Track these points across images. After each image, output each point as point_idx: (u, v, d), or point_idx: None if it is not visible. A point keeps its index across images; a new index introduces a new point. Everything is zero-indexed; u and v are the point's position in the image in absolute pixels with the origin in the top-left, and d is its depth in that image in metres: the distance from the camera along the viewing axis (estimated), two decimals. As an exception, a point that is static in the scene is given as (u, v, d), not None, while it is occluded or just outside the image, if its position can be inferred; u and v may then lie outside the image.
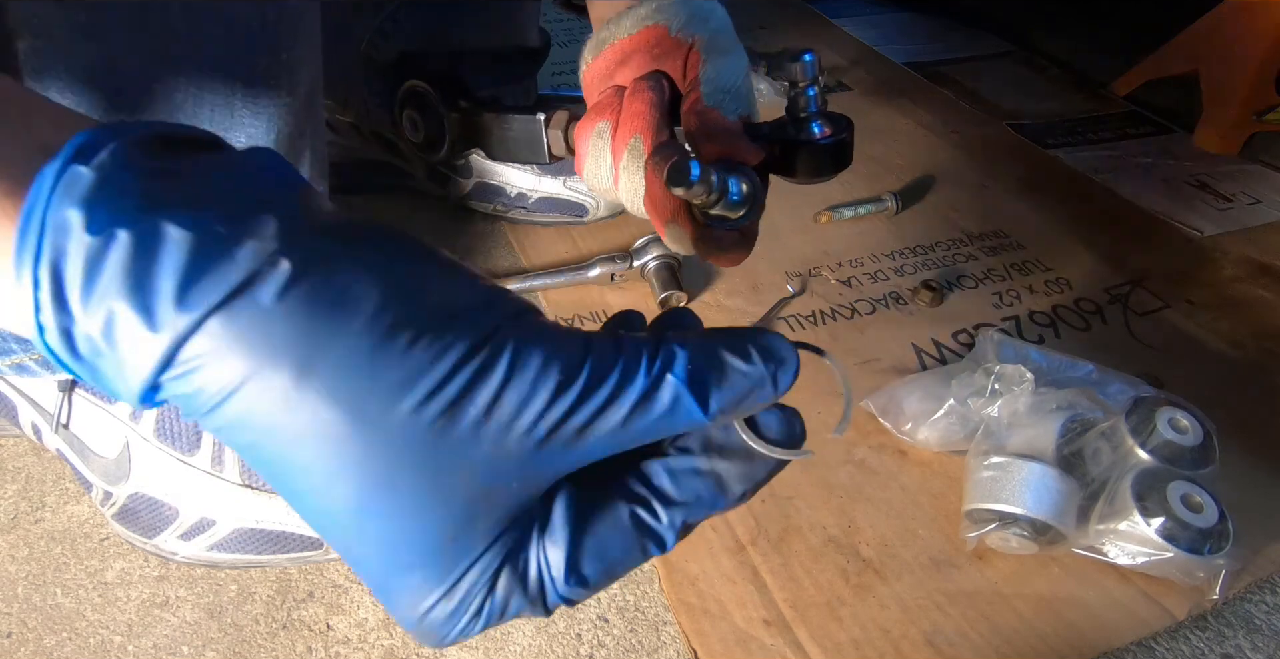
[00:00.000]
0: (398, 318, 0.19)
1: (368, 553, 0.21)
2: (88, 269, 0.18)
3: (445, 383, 0.19)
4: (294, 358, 0.18)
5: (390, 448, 0.19)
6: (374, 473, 0.19)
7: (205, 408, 0.19)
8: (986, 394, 0.49)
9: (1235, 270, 0.71)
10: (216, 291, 0.18)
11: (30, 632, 0.44)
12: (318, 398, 0.19)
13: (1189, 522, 0.43)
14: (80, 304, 0.18)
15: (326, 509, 0.20)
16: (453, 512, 0.20)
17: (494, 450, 0.20)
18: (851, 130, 0.41)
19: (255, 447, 0.20)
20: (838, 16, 1.19)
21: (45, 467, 0.52)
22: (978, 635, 0.43)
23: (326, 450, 0.19)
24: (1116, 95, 1.01)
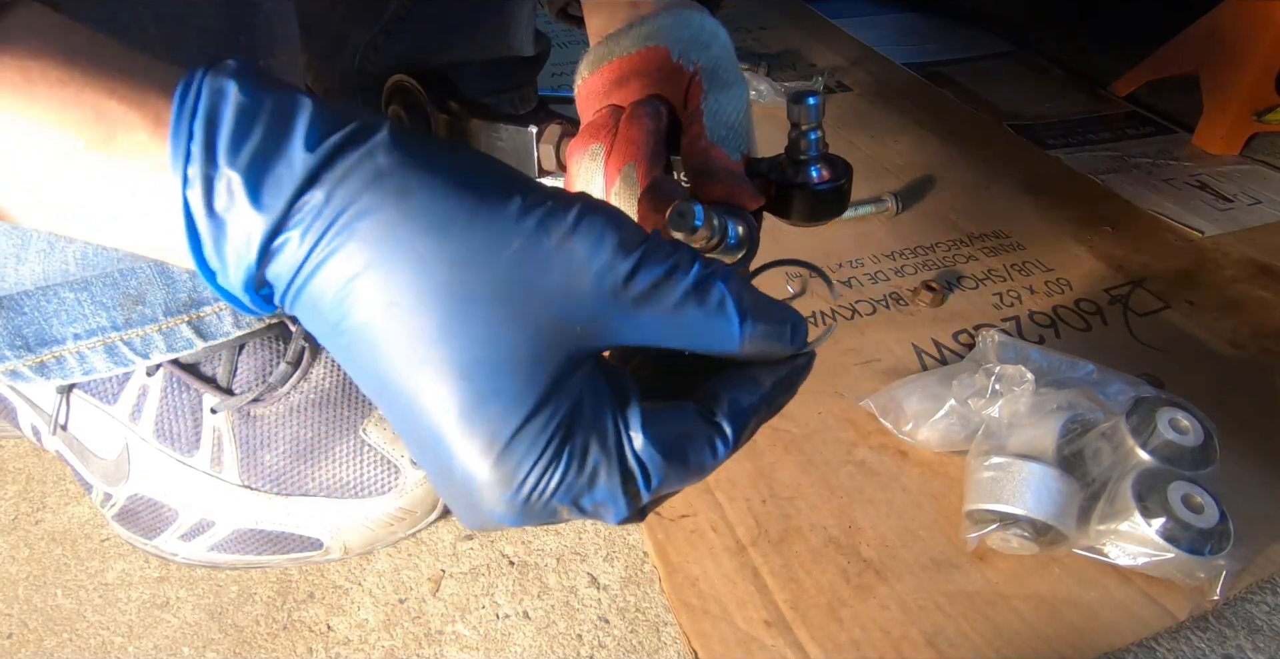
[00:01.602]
0: (477, 176, 0.22)
1: (446, 389, 0.22)
2: (239, 121, 0.21)
3: (523, 218, 0.22)
4: (395, 192, 0.21)
5: (475, 272, 0.21)
6: (459, 295, 0.21)
7: (313, 249, 0.21)
8: (987, 395, 0.49)
9: (1236, 271, 0.71)
10: (339, 137, 0.21)
11: (31, 633, 0.44)
12: (413, 226, 0.21)
13: (1190, 522, 0.43)
14: (228, 153, 0.21)
15: (411, 340, 0.21)
16: (528, 337, 0.22)
17: (564, 285, 0.22)
18: (850, 176, 0.40)
19: (355, 279, 0.21)
20: (838, 16, 1.19)
21: (46, 468, 0.52)
22: (978, 636, 0.43)
23: (418, 274, 0.21)
24: (1117, 95, 1.01)
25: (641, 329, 0.23)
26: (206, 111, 0.21)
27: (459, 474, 0.22)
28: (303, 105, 0.22)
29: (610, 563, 0.48)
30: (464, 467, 0.22)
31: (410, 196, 0.21)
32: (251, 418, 0.45)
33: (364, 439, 0.45)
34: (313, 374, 0.46)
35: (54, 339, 0.42)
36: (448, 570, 0.47)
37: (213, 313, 0.43)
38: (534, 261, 0.22)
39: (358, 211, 0.21)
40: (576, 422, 0.23)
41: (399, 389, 0.22)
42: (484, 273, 0.22)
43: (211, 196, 0.21)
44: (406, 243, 0.21)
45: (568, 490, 0.23)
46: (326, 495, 0.45)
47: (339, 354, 0.23)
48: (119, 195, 0.22)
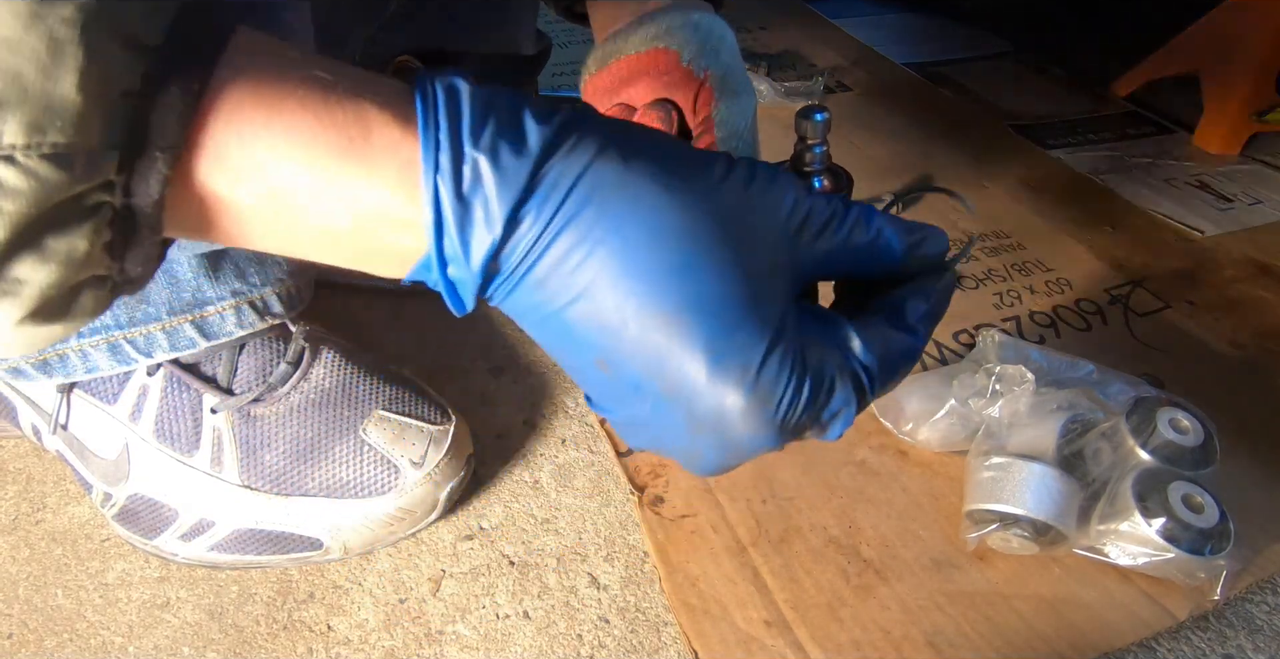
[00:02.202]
0: (673, 146, 0.26)
1: (694, 325, 0.24)
2: (476, 109, 0.23)
3: (726, 173, 0.25)
4: (619, 158, 0.24)
5: (703, 218, 0.24)
6: (692, 237, 0.24)
7: (554, 213, 0.23)
8: (987, 395, 0.49)
9: (1236, 271, 0.71)
10: (563, 116, 0.24)
11: (31, 633, 0.44)
12: (641, 184, 0.24)
13: (1190, 522, 0.43)
14: (471, 138, 0.23)
15: (653, 281, 0.23)
16: (757, 273, 0.25)
17: (770, 227, 0.25)
18: (851, 186, 0.43)
19: (594, 235, 0.23)
20: (838, 16, 1.19)
21: (46, 468, 0.52)
22: (978, 636, 0.43)
23: (654, 222, 0.24)
24: (1117, 95, 1.01)
25: (827, 261, 0.27)
26: (446, 105, 0.23)
27: (711, 409, 0.24)
28: (521, 95, 0.24)
29: (610, 563, 0.48)
30: (718, 399, 0.24)
31: (632, 161, 0.24)
32: (251, 418, 0.45)
33: (364, 439, 0.45)
34: (313, 374, 0.46)
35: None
36: (448, 570, 0.47)
37: (215, 313, 0.43)
38: (746, 208, 0.25)
39: (591, 177, 0.23)
40: (807, 344, 0.25)
41: (641, 337, 0.24)
42: (711, 218, 0.24)
43: (460, 180, 0.23)
44: (638, 198, 0.24)
45: (812, 404, 0.25)
46: (326, 495, 0.45)
47: (558, 331, 0.25)
48: (369, 198, 0.23)
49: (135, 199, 0.21)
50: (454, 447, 0.47)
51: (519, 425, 0.56)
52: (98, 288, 0.22)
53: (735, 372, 0.24)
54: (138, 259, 0.22)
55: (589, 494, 0.51)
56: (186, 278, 0.42)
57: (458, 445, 0.47)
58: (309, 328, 0.48)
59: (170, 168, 0.21)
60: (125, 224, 0.21)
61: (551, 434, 0.55)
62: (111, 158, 0.20)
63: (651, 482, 0.51)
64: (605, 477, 0.53)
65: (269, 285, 0.45)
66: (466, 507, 0.50)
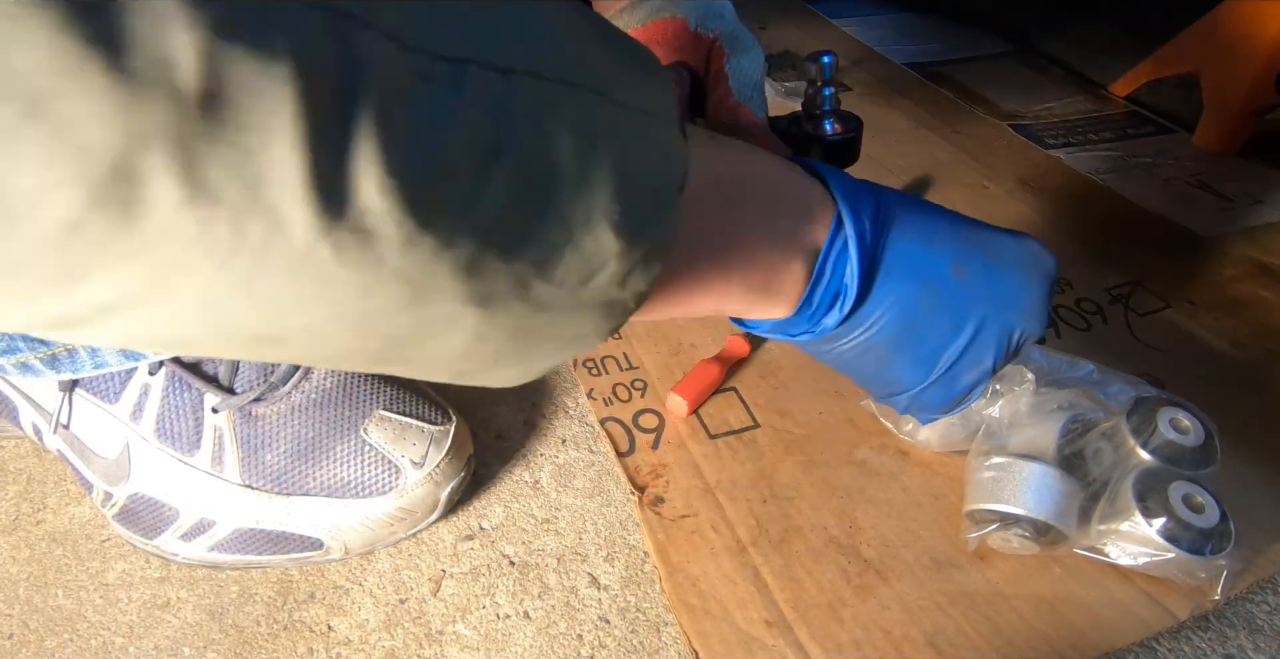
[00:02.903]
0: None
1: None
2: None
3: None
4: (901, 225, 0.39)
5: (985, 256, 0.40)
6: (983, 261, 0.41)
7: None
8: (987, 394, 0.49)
9: (1237, 270, 0.71)
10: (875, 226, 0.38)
11: (31, 633, 0.44)
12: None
13: (1190, 522, 0.43)
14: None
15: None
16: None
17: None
18: (860, 128, 0.45)
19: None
20: (838, 16, 1.19)
21: (46, 468, 0.52)
22: (979, 636, 0.43)
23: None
24: (1117, 95, 1.01)
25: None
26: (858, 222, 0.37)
27: (1036, 258, 0.43)
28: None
29: (611, 563, 0.48)
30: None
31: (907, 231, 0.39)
32: (253, 417, 0.45)
33: (365, 439, 0.45)
34: (314, 374, 0.46)
35: None
36: (448, 571, 0.47)
37: None
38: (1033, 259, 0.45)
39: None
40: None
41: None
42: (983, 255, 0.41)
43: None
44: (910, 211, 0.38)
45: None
46: (327, 495, 0.45)
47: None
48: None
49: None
50: (455, 447, 0.47)
51: (519, 425, 0.56)
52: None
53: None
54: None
55: (589, 494, 0.51)
56: None
57: (458, 446, 0.47)
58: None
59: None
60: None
61: (551, 434, 0.55)
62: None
63: (652, 482, 0.51)
64: (605, 477, 0.53)
65: None
66: (467, 507, 0.50)
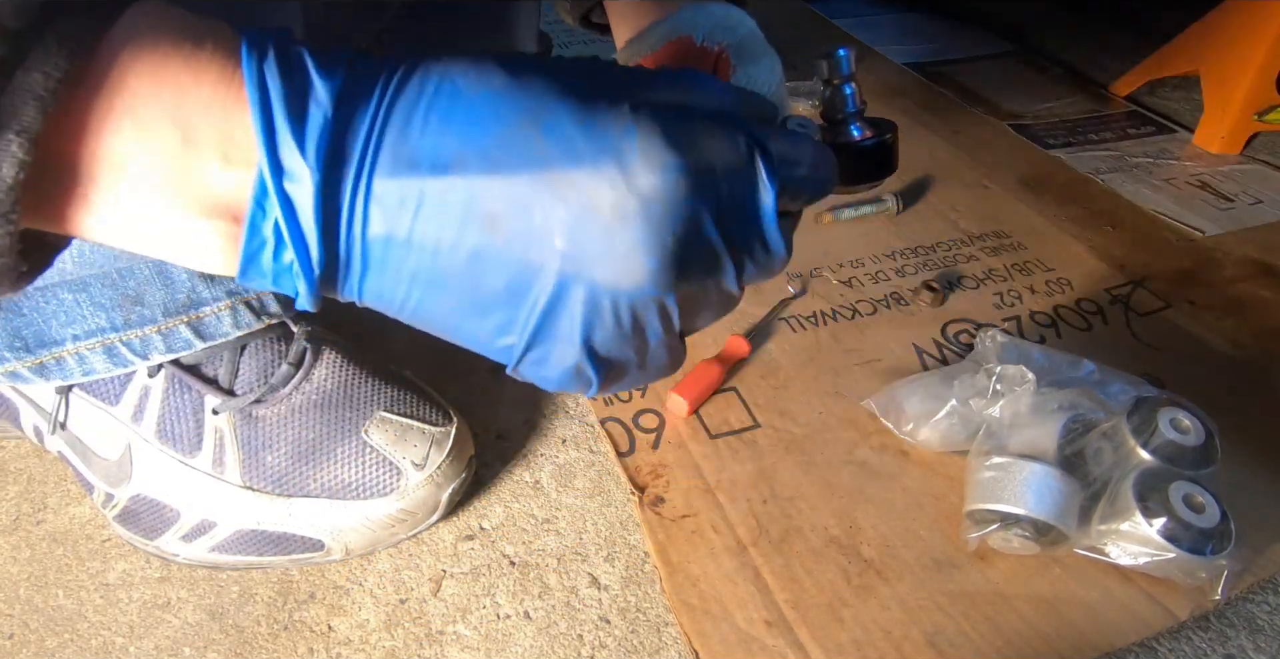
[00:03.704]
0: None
1: (554, 107, 0.23)
2: (294, 43, 0.22)
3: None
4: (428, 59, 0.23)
5: (522, 67, 0.23)
6: (517, 66, 0.23)
7: (386, 73, 0.23)
8: (988, 395, 0.49)
9: (1237, 270, 0.71)
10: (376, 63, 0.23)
11: (32, 633, 0.44)
12: (455, 59, 0.23)
13: (1191, 522, 0.43)
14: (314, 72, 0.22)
15: (499, 94, 0.22)
16: (593, 86, 0.24)
17: (596, 68, 0.25)
18: (895, 132, 0.37)
19: (423, 85, 0.22)
20: (838, 17, 1.19)
21: (47, 468, 0.53)
22: (979, 636, 0.43)
23: (475, 65, 0.23)
24: (1117, 95, 1.01)
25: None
26: (275, 39, 0.22)
27: (612, 173, 0.22)
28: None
29: (611, 563, 0.48)
30: (612, 155, 0.22)
31: (443, 57, 0.23)
32: (253, 419, 0.45)
33: (366, 440, 0.45)
34: (314, 375, 0.46)
35: (53, 340, 0.42)
36: (448, 571, 0.47)
37: (212, 313, 0.43)
38: (560, 65, 0.25)
39: (405, 64, 0.23)
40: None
41: (511, 146, 0.22)
42: (527, 60, 0.24)
43: (286, 63, 0.22)
44: (454, 60, 0.23)
45: (703, 145, 0.24)
46: (328, 496, 0.45)
47: (436, 209, 0.22)
48: (193, 115, 0.22)
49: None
50: (455, 448, 0.47)
51: (519, 426, 0.56)
52: None
53: (610, 122, 0.23)
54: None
55: (589, 494, 0.51)
56: (181, 279, 0.42)
57: (459, 447, 0.47)
58: (310, 328, 0.48)
59: (27, 152, 0.20)
60: None
61: (552, 434, 0.55)
62: None
63: (652, 482, 0.51)
64: (606, 477, 0.53)
65: None
66: (467, 507, 0.50)
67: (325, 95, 0.22)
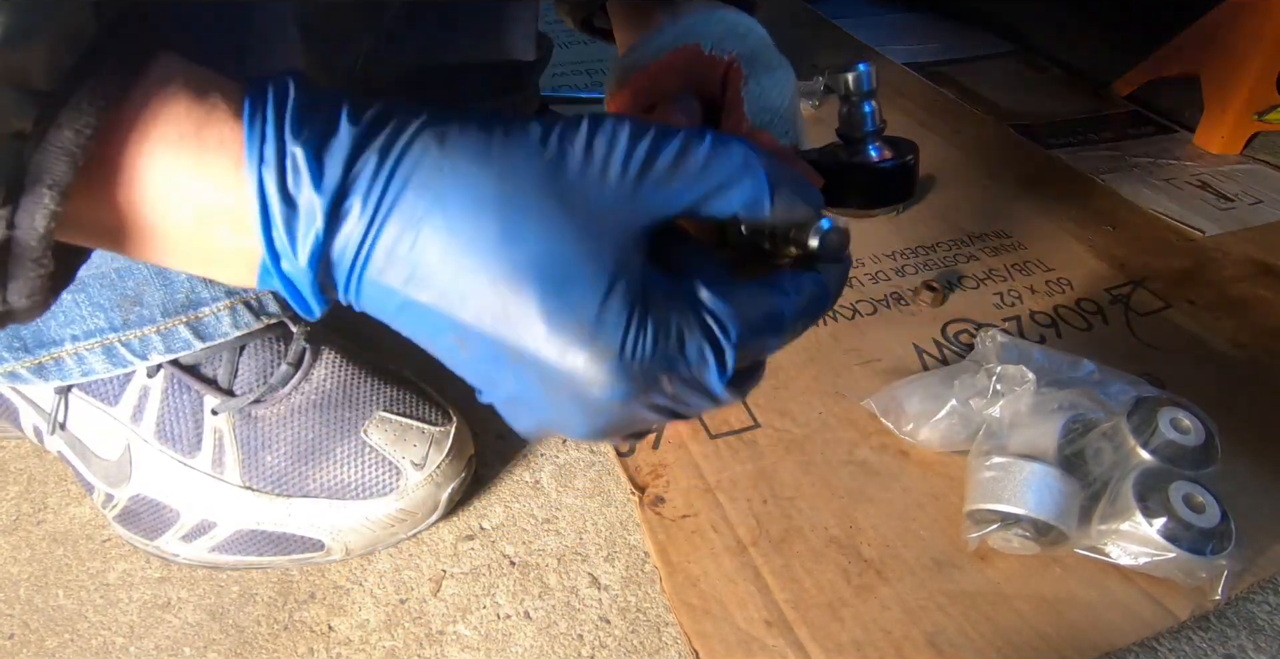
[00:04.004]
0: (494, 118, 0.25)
1: (526, 291, 0.24)
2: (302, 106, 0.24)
3: (545, 135, 0.25)
4: (434, 140, 0.24)
5: (519, 184, 0.24)
6: (511, 205, 0.24)
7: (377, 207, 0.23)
8: (988, 395, 0.49)
9: (1237, 270, 0.71)
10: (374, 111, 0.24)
11: (32, 633, 0.44)
12: (458, 162, 0.24)
13: (1191, 522, 0.43)
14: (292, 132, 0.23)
15: (480, 258, 0.24)
16: (581, 227, 0.24)
17: (598, 178, 0.25)
18: (917, 154, 0.35)
19: (420, 220, 0.23)
20: (838, 17, 1.19)
21: (47, 468, 0.53)
22: (979, 636, 0.43)
23: (471, 198, 0.24)
24: (1117, 95, 1.01)
25: (676, 198, 0.26)
26: (275, 102, 0.23)
27: (560, 369, 0.24)
28: (344, 93, 0.25)
29: (611, 563, 0.48)
30: (562, 356, 0.24)
31: (447, 140, 0.24)
32: (253, 419, 0.45)
33: (365, 440, 0.45)
34: (314, 375, 0.46)
35: (52, 341, 0.42)
36: (449, 571, 0.47)
37: (211, 314, 0.43)
38: (565, 166, 0.25)
39: (409, 161, 0.24)
40: (649, 292, 0.25)
41: (481, 308, 0.24)
42: (527, 183, 0.24)
43: (284, 173, 0.23)
44: (455, 172, 0.24)
45: (662, 354, 0.25)
46: (328, 496, 0.45)
47: (412, 318, 0.25)
48: (206, 194, 0.24)
49: (18, 232, 0.21)
50: (455, 448, 0.47)
51: (520, 426, 0.56)
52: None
53: (573, 326, 0.24)
54: (21, 291, 0.23)
55: (590, 494, 0.51)
56: (180, 279, 0.42)
57: (459, 446, 0.47)
58: (310, 328, 0.48)
59: (58, 204, 0.21)
60: (9, 253, 0.22)
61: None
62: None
63: (652, 482, 0.51)
64: (606, 477, 0.53)
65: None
66: (467, 507, 0.50)
67: (320, 213, 0.23)
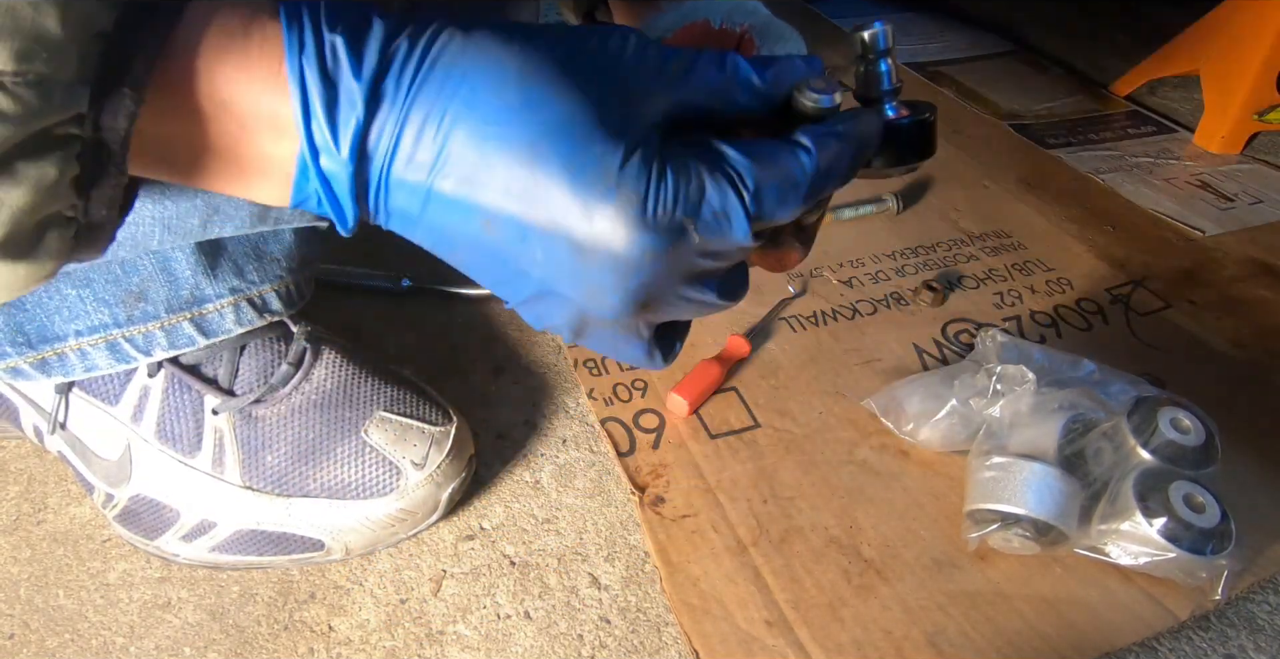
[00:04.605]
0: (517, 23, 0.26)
1: (550, 151, 0.24)
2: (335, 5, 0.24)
3: (563, 32, 0.26)
4: (460, 30, 0.25)
5: (540, 59, 0.25)
6: (532, 75, 0.24)
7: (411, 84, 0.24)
8: (988, 394, 0.49)
9: (1237, 270, 0.71)
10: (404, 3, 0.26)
11: (32, 633, 0.44)
12: (483, 45, 0.25)
13: (1191, 522, 0.43)
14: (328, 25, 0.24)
15: (506, 121, 0.24)
16: (601, 96, 0.25)
17: (614, 62, 0.26)
18: (935, 112, 0.35)
19: (451, 99, 0.24)
20: (838, 16, 1.19)
21: (47, 468, 0.53)
22: (980, 636, 0.43)
23: (496, 71, 0.24)
24: (1117, 95, 1.01)
25: (687, 91, 0.27)
26: (310, 2, 0.24)
27: (585, 225, 0.24)
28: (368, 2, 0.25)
29: (611, 563, 0.48)
30: (587, 210, 0.24)
31: (473, 29, 0.25)
32: (253, 419, 0.45)
33: (365, 440, 0.45)
34: (314, 375, 0.46)
35: (56, 336, 0.42)
36: (449, 571, 0.47)
37: (214, 310, 0.44)
38: (585, 50, 0.26)
39: (438, 46, 0.24)
40: (669, 149, 0.25)
41: (508, 177, 0.24)
42: (551, 58, 0.25)
43: (323, 60, 0.24)
44: (480, 51, 0.24)
45: (685, 199, 0.25)
46: (328, 496, 0.45)
47: (437, 211, 0.25)
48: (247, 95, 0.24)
49: (104, 133, 0.22)
50: (455, 448, 0.47)
51: (520, 425, 0.56)
52: (63, 228, 0.23)
53: (596, 184, 0.24)
54: (102, 199, 0.23)
55: (590, 494, 0.51)
56: (184, 275, 0.42)
57: (459, 446, 0.47)
58: (310, 328, 0.48)
59: (137, 105, 0.22)
60: (94, 157, 0.22)
61: (552, 434, 0.55)
62: (84, 92, 0.21)
63: (652, 482, 0.51)
64: (606, 477, 0.53)
65: (268, 283, 0.45)
66: (467, 507, 0.50)
67: (359, 96, 0.24)
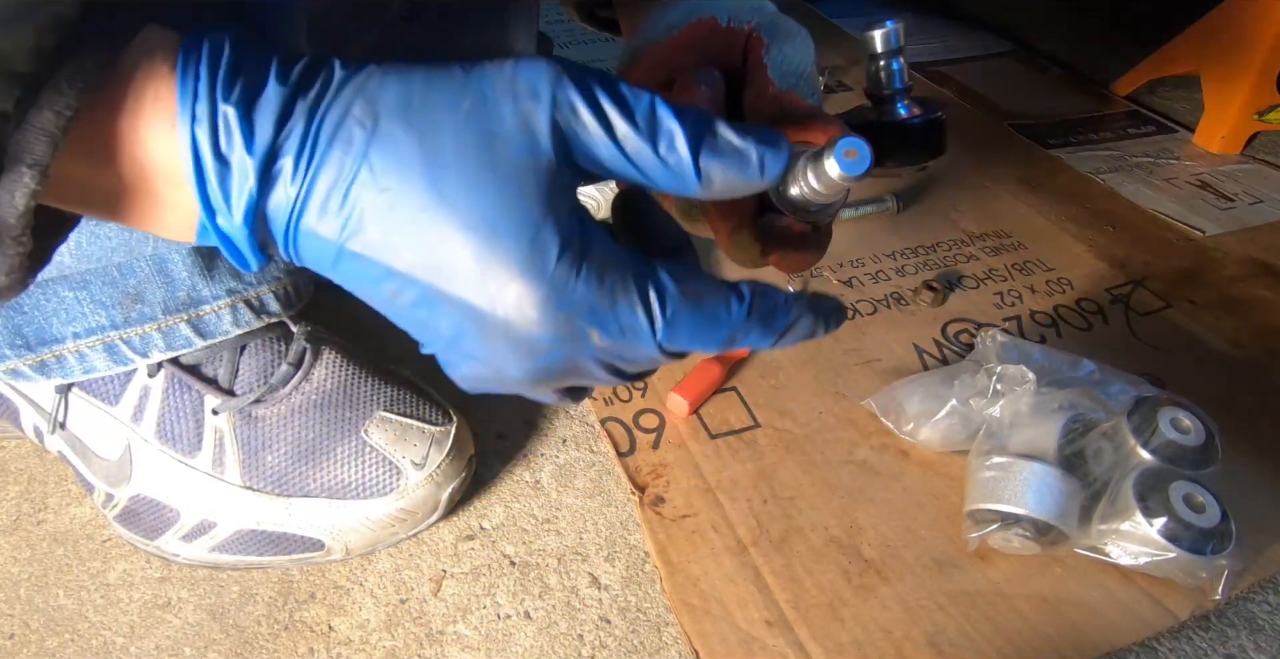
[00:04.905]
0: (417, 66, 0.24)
1: (456, 245, 0.23)
2: (234, 64, 0.23)
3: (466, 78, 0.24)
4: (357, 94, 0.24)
5: (440, 138, 0.23)
6: (434, 162, 0.23)
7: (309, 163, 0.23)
8: (988, 394, 0.49)
9: (1237, 270, 0.71)
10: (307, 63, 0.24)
11: (32, 633, 0.44)
12: (382, 117, 0.23)
13: (1191, 522, 0.43)
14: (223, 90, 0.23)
15: (410, 215, 0.23)
16: (504, 180, 0.24)
17: (519, 127, 0.24)
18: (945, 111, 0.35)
19: (350, 182, 0.23)
20: (838, 16, 1.19)
21: (47, 468, 0.53)
22: (980, 636, 0.43)
23: (396, 157, 0.23)
24: (1117, 95, 1.01)
25: (604, 161, 0.25)
26: (209, 59, 0.23)
27: (491, 308, 0.24)
28: (275, 48, 0.24)
29: (611, 563, 0.48)
30: (491, 296, 0.24)
31: (377, 96, 0.24)
32: (253, 419, 0.45)
33: (365, 440, 0.45)
34: (314, 375, 0.46)
35: (54, 338, 0.42)
36: (449, 571, 0.47)
37: (211, 311, 0.44)
38: (485, 113, 0.24)
39: (330, 123, 0.23)
40: (587, 245, 0.24)
41: (412, 263, 0.24)
42: (447, 136, 0.23)
43: (215, 131, 0.23)
44: (378, 136, 0.23)
45: (591, 309, 0.24)
46: (328, 496, 0.45)
47: (349, 269, 0.24)
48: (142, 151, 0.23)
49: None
50: (455, 448, 0.47)
51: (520, 425, 0.56)
52: None
53: (501, 267, 0.23)
54: (0, 268, 0.23)
55: (590, 494, 0.51)
56: (181, 277, 0.42)
57: (459, 446, 0.47)
58: (310, 328, 0.48)
59: (38, 183, 0.21)
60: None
61: (552, 434, 0.55)
62: None
63: (652, 482, 0.51)
64: (606, 477, 0.53)
65: (265, 284, 0.45)
66: (467, 507, 0.50)
67: (253, 172, 0.23)
